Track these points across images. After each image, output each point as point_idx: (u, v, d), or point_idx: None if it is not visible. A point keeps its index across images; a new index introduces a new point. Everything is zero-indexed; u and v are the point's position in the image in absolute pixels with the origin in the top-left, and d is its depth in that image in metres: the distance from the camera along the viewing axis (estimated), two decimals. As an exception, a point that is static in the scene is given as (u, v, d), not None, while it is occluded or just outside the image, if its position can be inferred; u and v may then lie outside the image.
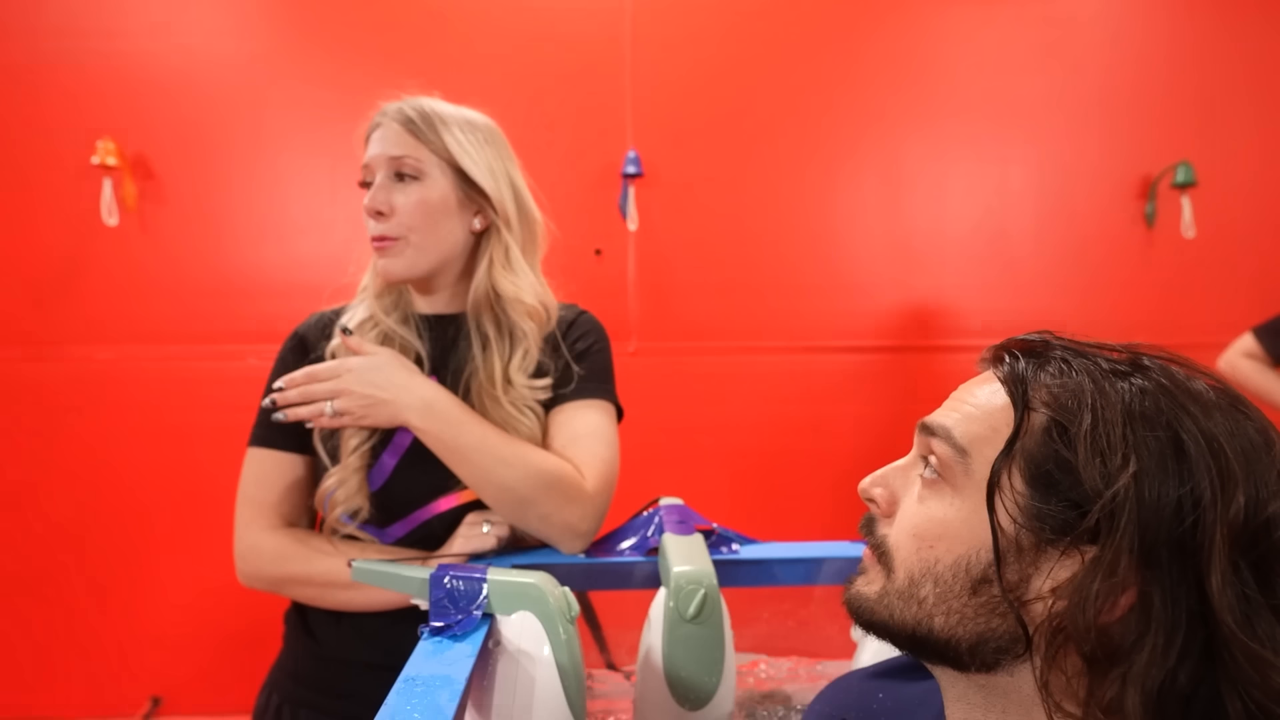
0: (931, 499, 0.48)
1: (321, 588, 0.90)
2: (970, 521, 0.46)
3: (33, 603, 1.98)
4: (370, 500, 0.92)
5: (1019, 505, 0.44)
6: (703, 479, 2.04)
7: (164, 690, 2.01)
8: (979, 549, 0.45)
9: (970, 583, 0.45)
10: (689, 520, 0.89)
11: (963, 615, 0.46)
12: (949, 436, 0.48)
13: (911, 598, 0.47)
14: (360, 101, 0.97)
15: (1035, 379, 0.47)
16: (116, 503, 1.98)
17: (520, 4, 2.02)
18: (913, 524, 0.48)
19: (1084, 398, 0.45)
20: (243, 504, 0.94)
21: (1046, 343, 0.50)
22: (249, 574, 0.92)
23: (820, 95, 2.10)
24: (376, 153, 0.93)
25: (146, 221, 1.97)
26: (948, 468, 0.48)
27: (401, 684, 0.57)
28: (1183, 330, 2.16)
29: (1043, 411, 0.46)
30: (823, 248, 2.13)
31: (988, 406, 0.48)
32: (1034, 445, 0.45)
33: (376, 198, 0.92)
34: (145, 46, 1.96)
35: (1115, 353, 0.49)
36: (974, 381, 0.52)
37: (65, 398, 1.96)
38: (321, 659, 0.96)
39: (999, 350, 0.52)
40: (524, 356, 0.96)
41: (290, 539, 0.92)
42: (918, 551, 0.47)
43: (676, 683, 0.74)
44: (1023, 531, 0.44)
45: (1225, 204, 2.15)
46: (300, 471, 0.96)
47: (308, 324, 1.00)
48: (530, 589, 0.68)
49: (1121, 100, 2.15)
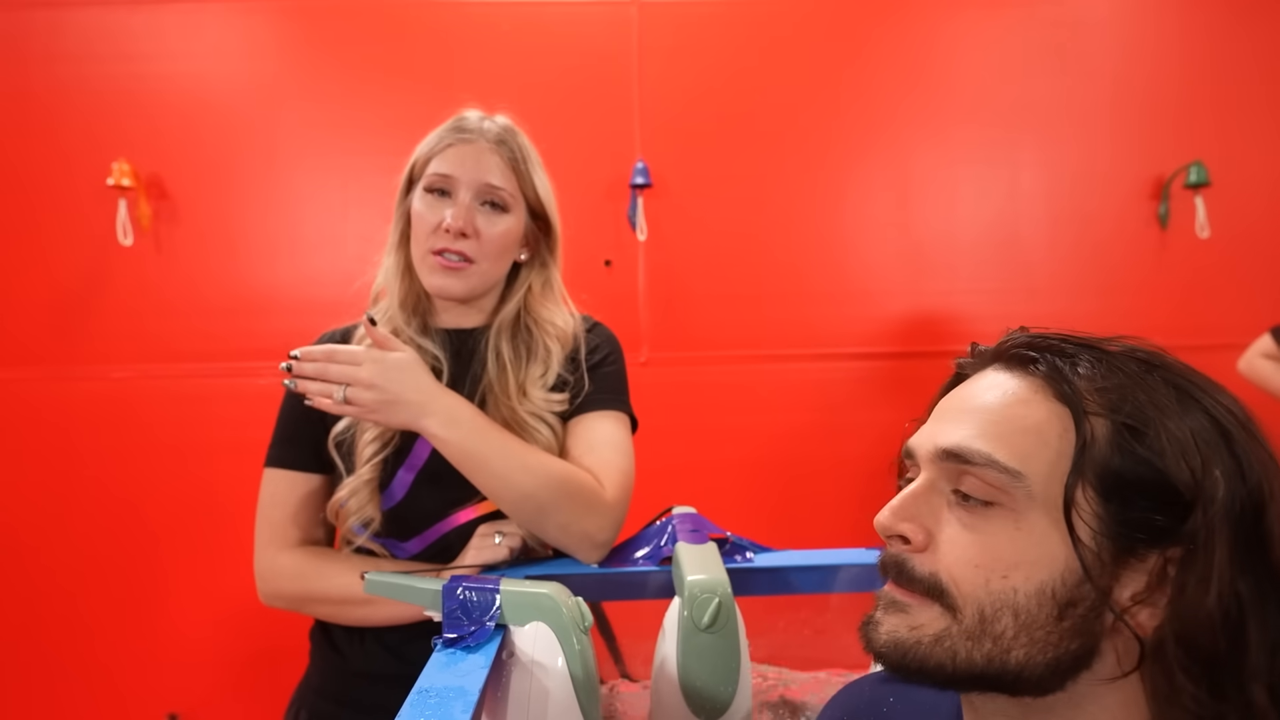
0: (987, 526, 0.44)
1: (339, 604, 0.91)
2: (1045, 545, 0.43)
3: (52, 621, 1.99)
4: (389, 515, 0.93)
5: (1098, 517, 0.43)
6: (716, 488, 2.03)
7: (182, 708, 2.02)
8: (1062, 571, 0.43)
9: (1057, 608, 0.43)
10: (702, 529, 0.88)
11: (1045, 643, 0.43)
12: (992, 463, 0.44)
13: (985, 635, 0.44)
14: (370, 119, 0.99)
15: (1078, 383, 0.45)
16: (134, 520, 1.99)
17: (528, 18, 2.04)
18: (972, 556, 0.44)
19: (1139, 396, 0.44)
20: (262, 524, 0.95)
21: (1059, 339, 0.48)
22: (270, 593, 0.93)
23: (828, 102, 2.10)
24: (469, 174, 0.92)
25: (161, 241, 2.00)
26: (1003, 493, 0.44)
27: (415, 696, 0.57)
28: (1199, 331, 2.14)
29: (1106, 416, 0.44)
30: (833, 254, 2.12)
31: (1023, 416, 0.45)
32: (1104, 453, 0.43)
33: (465, 218, 0.91)
34: (159, 70, 1.99)
35: (1110, 345, 0.48)
36: (980, 389, 0.49)
37: (83, 417, 1.98)
38: (348, 674, 0.96)
39: (1014, 350, 0.48)
40: (544, 373, 0.97)
41: (308, 557, 0.93)
42: (988, 584, 0.44)
43: (692, 693, 0.74)
44: (1104, 544, 0.43)
45: (1239, 203, 2.13)
46: (318, 490, 0.96)
47: (323, 341, 1.00)
48: (544, 599, 0.68)
49: (1132, 101, 2.14)
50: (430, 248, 0.93)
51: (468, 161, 0.93)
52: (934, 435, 0.48)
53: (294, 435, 0.96)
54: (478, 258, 0.93)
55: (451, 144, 0.94)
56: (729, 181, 2.08)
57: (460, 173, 0.93)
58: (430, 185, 0.94)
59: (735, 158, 2.08)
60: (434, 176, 0.93)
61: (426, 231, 0.93)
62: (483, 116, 0.97)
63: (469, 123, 0.96)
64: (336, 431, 0.93)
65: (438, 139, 0.95)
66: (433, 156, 0.94)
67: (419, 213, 0.94)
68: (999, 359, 0.50)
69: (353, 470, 0.93)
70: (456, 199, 0.93)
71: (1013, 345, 0.49)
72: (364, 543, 0.94)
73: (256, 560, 0.94)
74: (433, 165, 0.94)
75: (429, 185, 0.94)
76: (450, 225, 0.91)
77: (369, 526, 0.92)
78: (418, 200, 0.94)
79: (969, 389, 0.49)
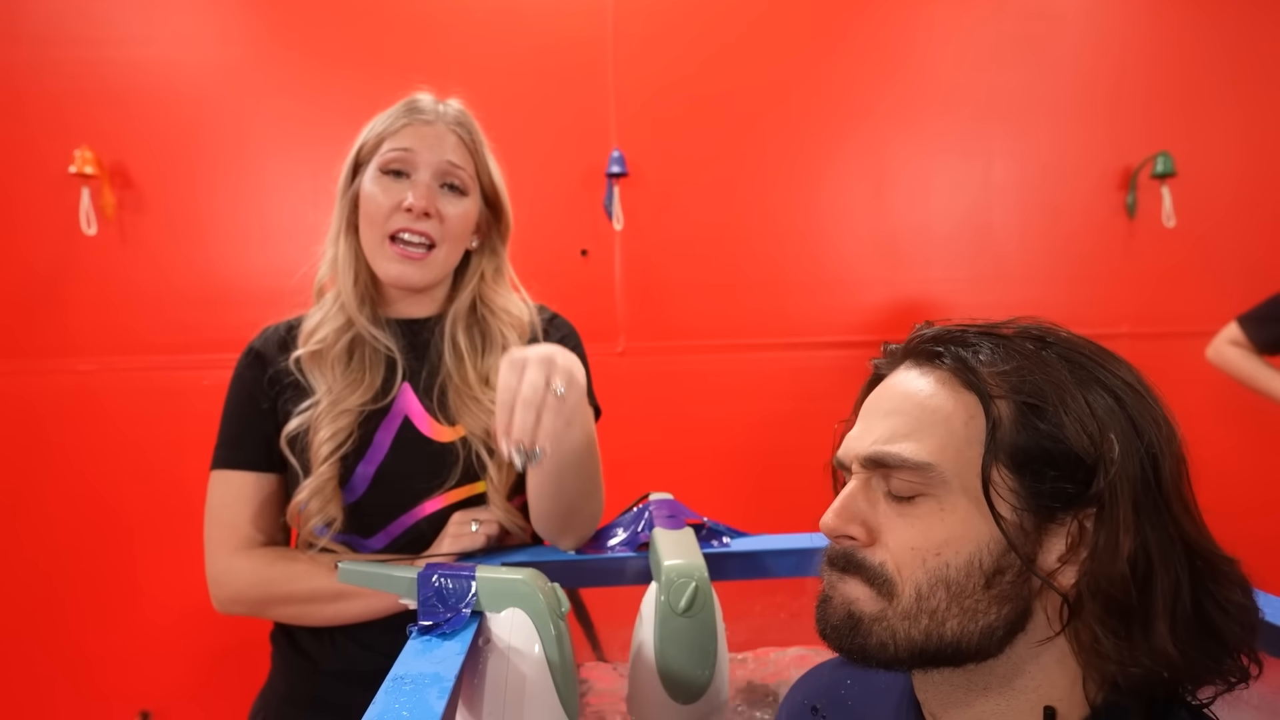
0: (917, 513, 0.48)
1: (305, 603, 0.88)
2: (969, 521, 0.46)
3: (19, 617, 1.95)
4: (350, 510, 0.91)
5: (1014, 492, 0.46)
6: (692, 476, 2.03)
7: (153, 705, 1.99)
8: (986, 543, 0.46)
9: (984, 577, 0.46)
10: (679, 515, 0.89)
11: (975, 611, 0.46)
12: (904, 463, 0.48)
13: (921, 611, 0.47)
14: (341, 105, 0.97)
15: (981, 370, 0.48)
16: (102, 515, 1.95)
17: (503, 8, 2.01)
18: (910, 542, 0.47)
19: (1036, 375, 0.47)
20: (212, 528, 0.91)
21: (960, 330, 0.51)
22: (227, 598, 0.90)
23: (804, 93, 2.11)
24: (430, 153, 0.90)
25: (126, 231, 1.95)
26: (923, 484, 0.47)
27: (390, 683, 0.56)
28: (1166, 319, 2.18)
29: (1009, 398, 0.47)
30: (809, 244, 2.13)
31: (933, 409, 0.48)
32: (1012, 433, 0.46)
33: (428, 198, 0.88)
34: (124, 54, 1.94)
35: (1007, 329, 0.51)
36: (893, 388, 0.52)
37: (48, 410, 1.94)
38: (314, 675, 0.93)
39: (922, 347, 0.51)
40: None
41: (270, 557, 0.90)
42: (924, 564, 0.47)
43: (669, 676, 0.74)
44: (1025, 515, 0.46)
45: (1204, 193, 2.17)
46: (272, 490, 0.93)
47: (263, 339, 0.97)
48: (520, 586, 0.68)
49: (1101, 93, 2.17)
50: (387, 231, 0.89)
51: (428, 140, 0.90)
52: (856, 444, 0.52)
53: (242, 434, 0.93)
54: (439, 240, 0.91)
55: (409, 124, 0.91)
56: (706, 171, 2.08)
57: (421, 151, 0.89)
58: (387, 164, 0.90)
59: (712, 147, 2.08)
60: (393, 154, 0.89)
61: (383, 214, 0.89)
62: (436, 100, 0.95)
63: (425, 104, 0.93)
64: (289, 430, 0.90)
65: (391, 119, 0.92)
66: (386, 137, 0.90)
67: (372, 194, 0.89)
68: (909, 356, 0.53)
69: (308, 469, 0.89)
70: (415, 179, 0.89)
71: (920, 342, 0.52)
72: (326, 544, 0.91)
73: (210, 565, 0.91)
74: (388, 144, 0.90)
75: (385, 165, 0.90)
76: (414, 205, 0.88)
77: (332, 526, 0.90)
78: (370, 182, 0.90)
79: (885, 390, 0.53)
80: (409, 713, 0.52)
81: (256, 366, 0.94)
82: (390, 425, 0.92)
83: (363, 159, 0.93)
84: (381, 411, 0.92)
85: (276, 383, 0.93)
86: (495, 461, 0.93)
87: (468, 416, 0.93)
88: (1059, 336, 0.50)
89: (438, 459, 0.92)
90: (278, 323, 0.99)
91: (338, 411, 0.89)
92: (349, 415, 0.89)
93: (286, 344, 0.95)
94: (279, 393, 0.93)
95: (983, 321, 0.53)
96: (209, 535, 0.92)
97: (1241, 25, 2.18)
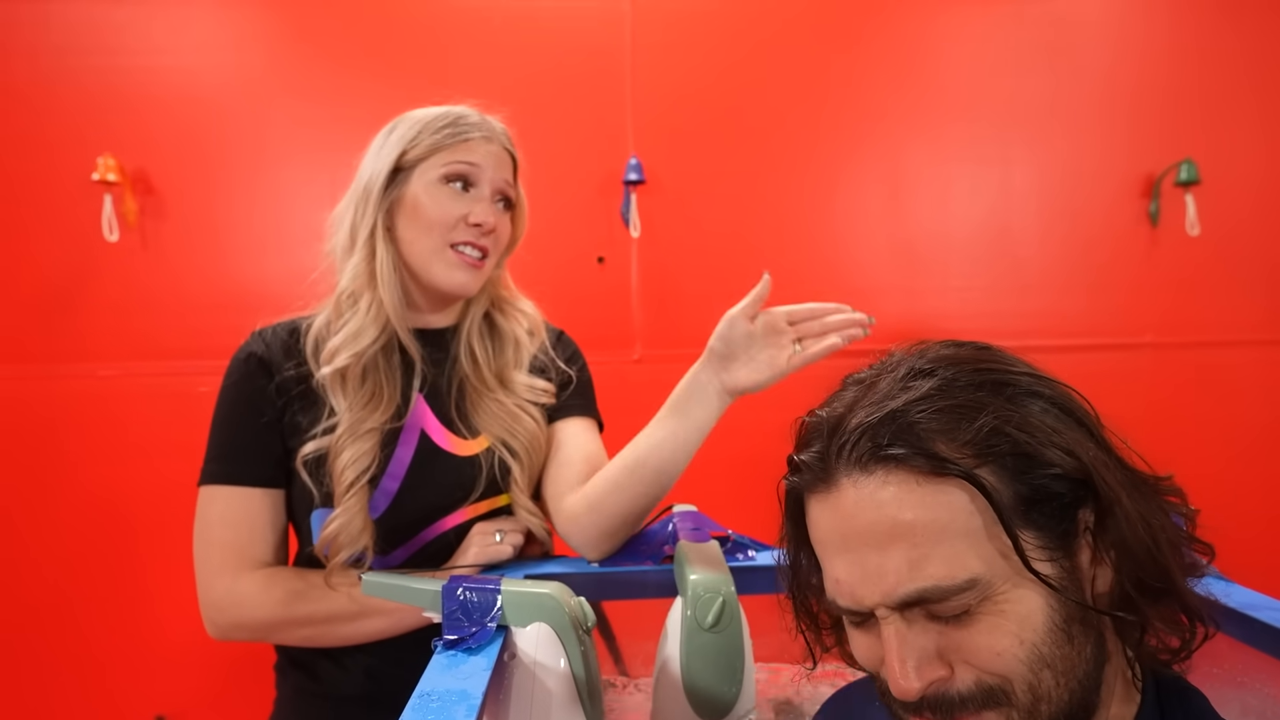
0: (982, 621, 0.44)
1: (324, 625, 0.84)
2: (1025, 597, 0.44)
3: (36, 621, 1.96)
4: (371, 528, 0.88)
5: (1041, 545, 0.44)
6: (713, 486, 2.01)
7: (169, 709, 1.99)
8: (1047, 604, 0.44)
9: (1065, 635, 0.44)
10: (704, 527, 0.87)
11: (1073, 668, 0.45)
12: (947, 592, 0.43)
13: (1042, 699, 0.44)
14: (357, 113, 0.97)
15: (941, 446, 0.44)
16: (119, 519, 1.96)
17: (521, 13, 2.02)
18: (994, 649, 0.44)
19: (990, 422, 0.45)
20: (208, 549, 0.85)
21: (885, 414, 0.46)
22: (228, 624, 0.84)
23: (820, 99, 2.10)
24: (493, 169, 0.92)
25: (148, 237, 1.96)
26: (975, 595, 0.44)
27: (417, 699, 0.55)
28: (1189, 328, 2.15)
29: (986, 462, 0.44)
30: (826, 252, 2.11)
31: (931, 520, 0.44)
32: (1010, 493, 0.44)
33: (495, 213, 0.92)
34: (145, 63, 1.95)
35: (915, 385, 0.47)
36: (860, 511, 0.45)
37: (69, 415, 1.95)
38: (333, 700, 0.91)
39: (863, 448, 0.45)
40: (516, 357, 0.97)
41: (279, 578, 0.85)
42: (1018, 659, 0.44)
43: (695, 693, 0.72)
44: (1059, 557, 0.45)
45: (1229, 201, 2.14)
46: (274, 506, 0.88)
47: (264, 343, 0.92)
48: (546, 600, 0.67)
49: (1123, 99, 2.14)
50: (449, 240, 0.88)
51: (491, 159, 0.91)
52: (869, 590, 0.45)
53: (242, 448, 0.87)
54: (492, 251, 0.93)
55: (471, 138, 0.90)
56: (722, 178, 2.07)
57: (486, 168, 0.91)
58: (454, 174, 0.89)
59: (729, 154, 2.07)
60: (460, 166, 0.89)
61: (448, 223, 0.88)
62: (484, 115, 0.95)
63: (480, 120, 0.93)
64: (306, 453, 0.86)
65: (449, 130, 0.90)
66: (443, 147, 0.89)
67: (435, 203, 0.88)
68: (850, 464, 0.46)
69: (325, 492, 0.86)
70: (478, 194, 0.90)
71: (855, 444, 0.46)
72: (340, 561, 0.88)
73: (208, 589, 0.84)
74: (449, 154, 0.89)
75: (452, 175, 0.89)
76: (484, 221, 0.89)
77: (365, 558, 0.87)
78: (429, 190, 0.88)
79: (853, 516, 0.46)
80: (437, 731, 0.51)
81: (260, 374, 0.89)
82: (409, 440, 0.90)
83: (406, 164, 0.90)
84: (399, 428, 0.90)
85: (285, 392, 0.88)
86: (518, 464, 0.92)
87: (488, 419, 0.92)
88: (961, 359, 0.49)
89: (459, 473, 0.91)
90: (269, 326, 0.94)
91: (361, 433, 0.86)
92: (372, 436, 0.87)
93: (289, 349, 0.91)
94: (287, 403, 0.88)
95: (864, 372, 0.52)
96: (204, 556, 0.85)
97: (1264, 31, 2.15)
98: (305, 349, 0.90)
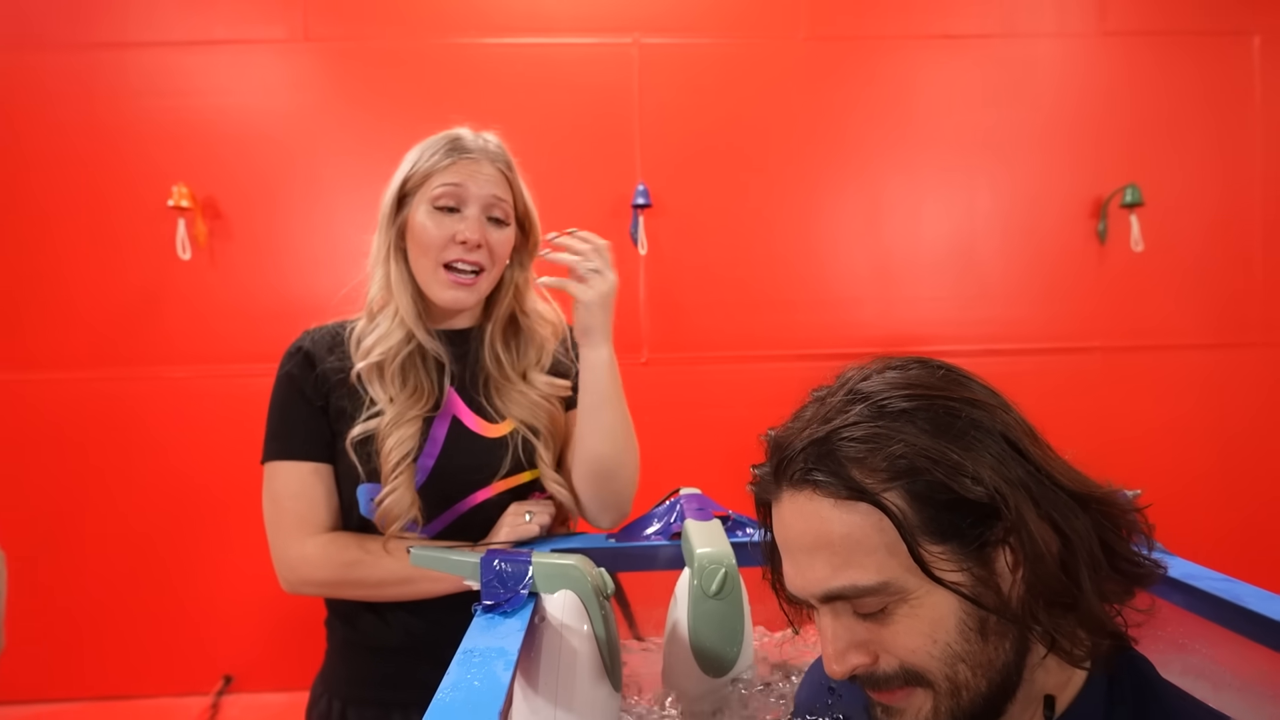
0: (897, 621, 0.45)
1: (376, 587, 0.86)
2: (938, 601, 0.45)
3: (121, 592, 1.98)
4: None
5: (949, 556, 0.44)
6: (712, 474, 2.01)
7: (235, 669, 2.00)
8: (960, 606, 0.45)
9: (977, 633, 0.45)
10: (707, 507, 0.88)
11: (990, 662, 0.45)
12: (860, 591, 0.45)
13: (961, 687, 0.45)
14: (397, 145, 0.96)
15: (855, 473, 0.45)
16: (193, 501, 1.98)
17: (541, 58, 2.04)
18: (908, 644, 0.46)
19: (902, 449, 0.44)
20: (280, 516, 0.87)
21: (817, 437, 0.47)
22: (298, 581, 0.87)
23: (807, 132, 2.11)
24: (478, 189, 0.89)
25: (216, 256, 1.99)
26: (886, 596, 0.45)
27: (461, 655, 0.56)
28: (1133, 334, 2.15)
29: (896, 487, 0.44)
30: (812, 268, 2.12)
31: (845, 535, 0.45)
32: (916, 514, 0.44)
33: (480, 231, 0.88)
34: (213, 103, 1.98)
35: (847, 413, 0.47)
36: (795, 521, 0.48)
37: (147, 411, 1.97)
38: (381, 651, 0.92)
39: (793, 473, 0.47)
40: (539, 358, 0.97)
41: (340, 543, 0.87)
42: (931, 655, 0.45)
43: (701, 653, 0.73)
44: (970, 565, 0.45)
45: (1169, 220, 2.14)
46: (329, 479, 0.90)
47: (311, 339, 0.93)
48: (571, 570, 0.68)
49: (1075, 131, 2.15)
50: (442, 260, 0.88)
51: (477, 178, 0.89)
52: (802, 584, 0.48)
53: (298, 427, 0.89)
54: (486, 266, 0.90)
55: (455, 161, 0.89)
56: (720, 202, 2.09)
57: (470, 186, 0.88)
58: (440, 200, 0.88)
59: (726, 181, 2.09)
60: (444, 190, 0.88)
61: (438, 246, 0.88)
62: (475, 134, 0.93)
63: (469, 140, 0.91)
64: (354, 435, 0.87)
65: (438, 155, 0.89)
66: (434, 173, 0.89)
67: (425, 227, 0.88)
68: (784, 480, 0.49)
69: (372, 470, 0.88)
70: (466, 213, 0.88)
71: (788, 468, 0.48)
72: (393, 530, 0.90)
73: (280, 550, 0.87)
74: (438, 179, 0.88)
75: (439, 201, 0.88)
76: (469, 238, 0.87)
77: (416, 526, 0.89)
78: (423, 215, 0.89)
79: (791, 523, 0.48)
80: (480, 681, 0.52)
81: (305, 365, 0.91)
82: (442, 425, 0.91)
83: (408, 190, 0.90)
84: (434, 415, 0.91)
85: (326, 380, 0.90)
86: (542, 443, 0.93)
87: (513, 405, 0.93)
88: (896, 383, 0.48)
89: (488, 453, 0.92)
90: (319, 326, 0.96)
91: (404, 420, 0.88)
92: (415, 423, 0.88)
93: (333, 345, 0.92)
94: (330, 390, 0.90)
95: (822, 389, 0.51)
96: (277, 522, 0.88)
97: (1193, 73, 2.16)
98: (349, 346, 0.92)
